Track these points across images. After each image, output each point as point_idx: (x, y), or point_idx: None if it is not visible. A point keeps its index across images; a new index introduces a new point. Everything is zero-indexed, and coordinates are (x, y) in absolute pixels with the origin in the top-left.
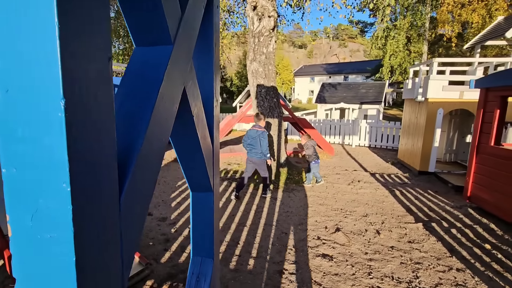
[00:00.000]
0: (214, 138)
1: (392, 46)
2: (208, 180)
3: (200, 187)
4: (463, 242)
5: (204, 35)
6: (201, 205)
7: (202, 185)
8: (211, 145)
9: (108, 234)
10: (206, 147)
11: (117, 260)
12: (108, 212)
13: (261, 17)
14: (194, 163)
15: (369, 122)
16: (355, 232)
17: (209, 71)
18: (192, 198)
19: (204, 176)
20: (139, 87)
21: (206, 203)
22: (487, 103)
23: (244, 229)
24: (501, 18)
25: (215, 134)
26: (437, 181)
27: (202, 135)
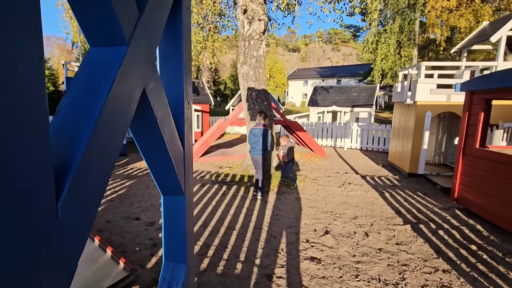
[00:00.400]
0: (185, 141)
1: (382, 50)
2: (179, 184)
3: (171, 191)
4: (450, 243)
5: (172, 37)
6: (172, 209)
7: (172, 189)
8: (181, 148)
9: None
10: (174, 150)
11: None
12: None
13: (252, 21)
14: (161, 166)
15: (360, 125)
16: (344, 234)
17: (178, 73)
18: (163, 202)
19: (173, 179)
20: (89, 87)
21: (178, 207)
22: (472, 106)
23: (233, 232)
24: (486, 24)
25: (187, 137)
26: (426, 183)
27: (170, 138)
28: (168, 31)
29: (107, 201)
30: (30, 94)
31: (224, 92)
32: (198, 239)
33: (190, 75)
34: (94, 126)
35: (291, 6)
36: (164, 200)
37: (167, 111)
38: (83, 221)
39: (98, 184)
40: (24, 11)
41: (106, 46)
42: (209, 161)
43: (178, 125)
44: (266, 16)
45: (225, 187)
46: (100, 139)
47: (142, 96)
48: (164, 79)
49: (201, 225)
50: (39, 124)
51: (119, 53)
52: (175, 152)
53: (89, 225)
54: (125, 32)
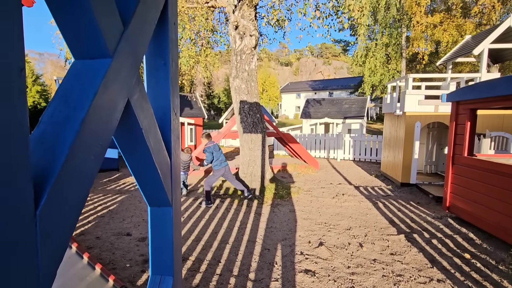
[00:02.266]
0: (172, 151)
1: (371, 64)
2: (166, 195)
3: (158, 202)
4: (443, 252)
5: (159, 50)
6: (159, 220)
7: (159, 200)
8: (168, 158)
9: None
10: (161, 161)
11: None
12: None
13: (243, 36)
14: (147, 177)
15: (353, 136)
16: (338, 245)
17: (165, 85)
18: (150, 213)
19: (160, 190)
20: (71, 99)
21: (165, 219)
22: (458, 115)
23: (226, 246)
24: (469, 37)
25: (174, 147)
26: (419, 193)
27: (156, 148)
28: (154, 45)
29: (98, 217)
30: (9, 104)
31: (218, 105)
32: (190, 254)
33: (176, 87)
34: (74, 137)
35: (281, 21)
36: (151, 212)
37: (152, 122)
38: (63, 229)
39: (78, 193)
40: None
41: (90, 59)
42: (203, 174)
43: (164, 136)
44: (257, 31)
45: (218, 200)
46: (80, 149)
47: (127, 107)
48: (151, 91)
49: (193, 239)
50: (18, 135)
51: (103, 65)
52: (162, 162)
53: (68, 234)
54: (109, 45)
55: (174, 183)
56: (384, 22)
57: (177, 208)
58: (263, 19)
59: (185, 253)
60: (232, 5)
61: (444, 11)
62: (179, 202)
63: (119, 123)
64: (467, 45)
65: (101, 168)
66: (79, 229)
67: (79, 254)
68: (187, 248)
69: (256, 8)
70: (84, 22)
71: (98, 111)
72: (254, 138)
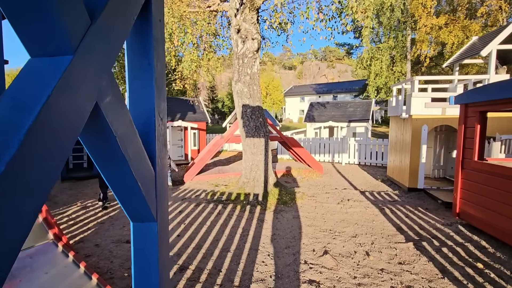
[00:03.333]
0: (157, 161)
1: (376, 67)
2: (149, 209)
3: (140, 217)
4: (454, 261)
5: (142, 49)
6: (143, 237)
7: (141, 215)
8: (151, 169)
9: None
10: (142, 172)
11: None
12: None
13: (245, 40)
14: (126, 190)
15: (358, 139)
16: (343, 254)
17: (149, 87)
18: (132, 229)
19: (142, 204)
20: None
21: (149, 235)
22: (467, 118)
23: (228, 255)
24: (476, 38)
25: (160, 157)
26: (427, 198)
27: (136, 158)
28: (137, 44)
29: (98, 224)
30: None
31: (221, 110)
32: (190, 262)
33: (163, 90)
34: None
35: (283, 24)
36: (133, 228)
37: (131, 129)
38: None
39: (25, 210)
40: None
41: (47, 56)
42: (205, 179)
43: (148, 144)
44: (259, 35)
45: (220, 206)
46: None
47: (96, 112)
48: (134, 94)
49: (194, 247)
50: None
51: (62, 63)
52: (143, 174)
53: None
54: (71, 40)
55: (160, 195)
56: (388, 24)
57: (164, 223)
58: (265, 22)
59: (185, 262)
60: (234, 8)
61: (449, 12)
62: (165, 216)
63: (87, 131)
64: (474, 47)
65: None
66: (78, 236)
67: (76, 263)
68: (187, 257)
69: (258, 11)
70: (41, 14)
71: (52, 117)
72: (257, 143)
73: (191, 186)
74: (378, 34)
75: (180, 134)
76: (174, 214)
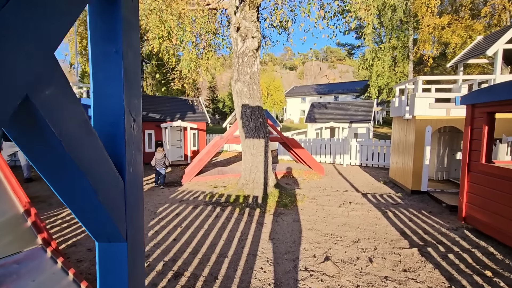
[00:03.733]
0: (127, 170)
1: (378, 67)
2: (115, 227)
3: (105, 237)
4: (461, 269)
5: (107, 35)
6: (109, 259)
7: (107, 234)
8: (119, 179)
9: None
10: (105, 183)
11: None
12: None
13: (245, 38)
14: (82, 204)
15: (359, 140)
16: (345, 260)
17: (116, 80)
18: (97, 250)
19: (105, 221)
20: None
21: (117, 257)
22: (474, 119)
23: (225, 260)
24: (480, 38)
25: (131, 164)
26: (431, 201)
27: (93, 166)
28: (102, 26)
29: None
30: None
31: (222, 110)
32: (186, 268)
33: (136, 83)
34: None
35: (284, 23)
36: (99, 249)
37: (86, 131)
38: None
39: None
40: None
41: None
42: (204, 181)
43: (115, 149)
44: (260, 33)
45: (219, 208)
46: None
47: (27, 109)
48: (98, 88)
49: (190, 252)
50: None
51: None
52: (107, 186)
53: None
54: None
55: (132, 210)
56: (390, 24)
57: (136, 243)
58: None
59: (180, 268)
60: (233, 6)
61: (452, 12)
62: (139, 234)
63: (21, 133)
64: (479, 46)
65: None
66: (70, 240)
67: (65, 270)
68: (183, 262)
69: (258, 9)
70: None
71: None
72: (257, 144)
73: (189, 187)
74: (380, 35)
75: (180, 134)
76: (171, 216)
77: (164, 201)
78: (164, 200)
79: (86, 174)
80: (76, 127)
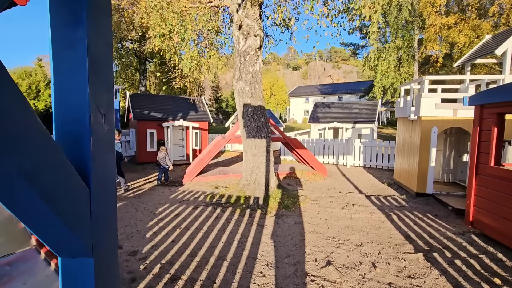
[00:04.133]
0: (93, 175)
1: (383, 67)
2: (78, 241)
3: (68, 252)
4: (469, 275)
5: (70, 17)
6: (73, 277)
7: (69, 249)
8: (83, 186)
9: None
10: (61, 190)
11: None
12: None
13: (247, 36)
14: (33, 215)
15: (363, 141)
16: (348, 265)
17: (81, 72)
18: (60, 266)
19: (65, 235)
20: None
21: (82, 274)
22: (483, 120)
23: (224, 263)
24: (489, 37)
25: (99, 167)
26: (436, 204)
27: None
28: (63, 10)
29: None
30: None
31: (226, 109)
32: (183, 272)
33: (107, 75)
34: None
35: (287, 21)
36: (61, 264)
37: (34, 129)
38: None
39: None
40: None
41: None
42: (205, 181)
43: (79, 151)
44: (262, 31)
45: (219, 209)
46: None
47: None
48: (59, 80)
49: (188, 254)
50: None
51: None
52: (65, 194)
53: None
54: None
55: (100, 222)
56: (395, 24)
57: (106, 258)
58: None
59: (177, 271)
60: (235, 3)
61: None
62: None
63: None
64: (487, 45)
65: None
66: None
67: (47, 260)
68: (180, 265)
69: (261, 7)
70: None
71: None
72: (258, 144)
73: (190, 187)
74: (385, 34)
75: (182, 133)
76: (170, 217)
77: (164, 201)
78: (164, 200)
79: (35, 180)
80: (15, 123)
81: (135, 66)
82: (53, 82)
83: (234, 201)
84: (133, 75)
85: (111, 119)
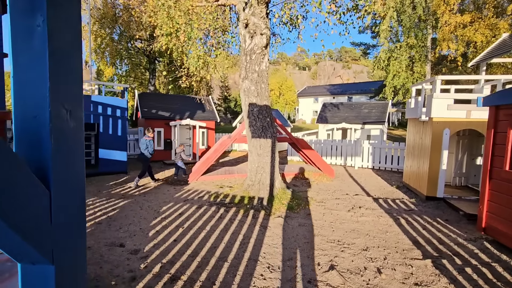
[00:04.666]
0: (54, 177)
1: (394, 67)
2: (36, 248)
3: (27, 258)
4: (480, 285)
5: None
6: (32, 285)
7: (28, 255)
8: (41, 188)
9: None
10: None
11: None
12: None
13: (253, 35)
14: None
15: (372, 142)
16: (352, 270)
17: (39, 65)
18: (20, 272)
19: (18, 241)
20: None
21: (41, 283)
22: (498, 122)
23: (224, 265)
24: (506, 35)
25: (62, 169)
26: (447, 208)
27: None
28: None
29: (95, 224)
30: None
31: (234, 109)
32: (183, 272)
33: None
34: None
35: (294, 18)
36: (21, 270)
37: None
38: None
39: None
40: None
41: None
42: (211, 180)
43: (37, 150)
44: (269, 30)
45: (223, 209)
46: None
47: None
48: (19, 73)
49: (189, 254)
50: None
51: None
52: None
53: None
54: None
55: (62, 227)
56: (408, 23)
57: (70, 265)
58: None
59: (177, 271)
60: (242, 2)
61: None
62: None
63: None
64: (505, 44)
65: (110, 171)
66: None
67: None
68: (181, 265)
69: (267, 5)
70: None
71: None
72: (263, 144)
73: (195, 186)
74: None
75: (189, 132)
76: (173, 216)
77: (169, 200)
78: (169, 199)
79: None
80: None
81: (145, 65)
82: (12, 75)
83: (238, 201)
84: (143, 75)
85: (79, 116)
